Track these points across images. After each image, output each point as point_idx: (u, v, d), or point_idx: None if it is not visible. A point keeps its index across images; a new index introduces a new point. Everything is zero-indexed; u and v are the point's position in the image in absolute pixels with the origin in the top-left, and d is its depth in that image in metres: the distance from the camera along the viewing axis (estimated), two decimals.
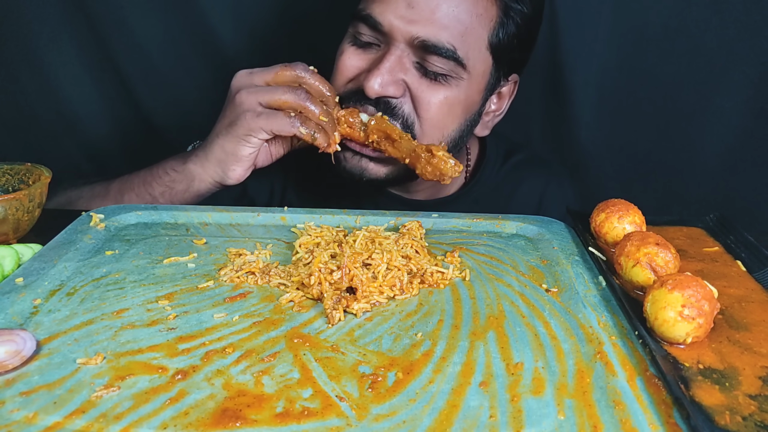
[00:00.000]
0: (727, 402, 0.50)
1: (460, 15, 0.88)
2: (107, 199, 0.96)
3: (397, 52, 0.89)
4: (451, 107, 0.93)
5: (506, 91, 1.05)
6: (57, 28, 1.29)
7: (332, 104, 0.88)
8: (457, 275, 0.73)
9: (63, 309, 0.62)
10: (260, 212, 0.88)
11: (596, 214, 0.79)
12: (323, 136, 0.85)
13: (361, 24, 0.91)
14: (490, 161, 1.15)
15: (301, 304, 0.66)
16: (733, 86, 1.26)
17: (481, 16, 0.90)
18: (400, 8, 0.87)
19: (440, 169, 0.87)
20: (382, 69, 0.88)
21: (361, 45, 0.94)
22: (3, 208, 0.74)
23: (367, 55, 0.93)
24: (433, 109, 0.92)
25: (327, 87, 0.87)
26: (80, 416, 0.47)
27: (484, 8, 0.90)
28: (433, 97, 0.91)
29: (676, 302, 0.56)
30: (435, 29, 0.87)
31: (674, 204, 1.40)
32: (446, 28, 0.87)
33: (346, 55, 0.95)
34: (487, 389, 0.52)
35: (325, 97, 0.87)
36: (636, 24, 1.25)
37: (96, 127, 1.40)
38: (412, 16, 0.87)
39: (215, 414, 0.48)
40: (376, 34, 0.91)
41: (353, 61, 0.94)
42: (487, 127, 1.07)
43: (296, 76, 0.86)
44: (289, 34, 1.34)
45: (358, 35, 0.93)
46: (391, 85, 0.89)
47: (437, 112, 0.93)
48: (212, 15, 1.31)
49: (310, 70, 0.87)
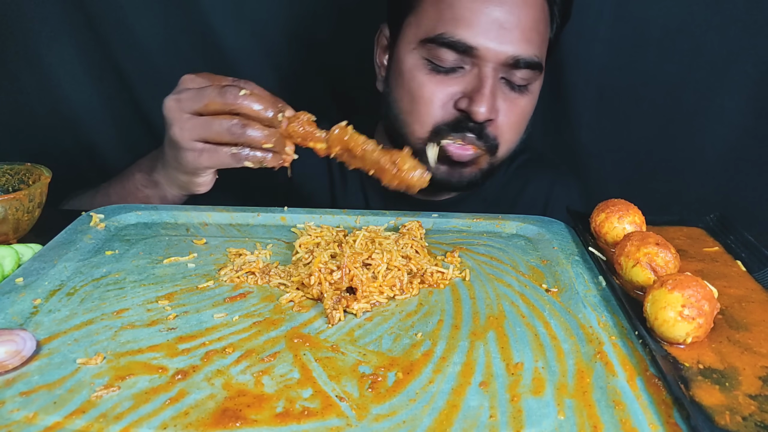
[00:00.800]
0: (727, 402, 0.50)
1: (537, 25, 0.92)
2: None
3: (491, 72, 0.91)
4: (527, 114, 0.99)
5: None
6: (57, 28, 1.29)
7: (276, 121, 0.77)
8: (457, 275, 0.73)
9: (63, 309, 0.62)
10: (260, 212, 0.88)
11: (596, 214, 0.79)
12: (274, 157, 0.78)
13: (444, 49, 0.91)
14: None
15: (301, 304, 0.66)
16: (734, 86, 1.26)
17: (547, 21, 0.95)
18: (491, 30, 0.88)
19: (406, 181, 0.79)
20: (486, 94, 0.90)
21: (444, 71, 0.93)
22: (3, 208, 0.74)
23: (453, 80, 0.93)
24: (514, 124, 0.97)
25: (266, 104, 0.76)
26: (80, 416, 0.47)
27: (546, 12, 0.94)
28: (513, 112, 0.96)
29: (676, 302, 0.56)
30: (524, 46, 0.90)
31: (674, 204, 1.40)
32: (530, 41, 0.91)
33: (430, 85, 0.94)
34: (487, 389, 0.52)
35: (266, 118, 0.76)
36: (636, 24, 1.25)
37: (96, 127, 1.40)
38: (503, 36, 0.89)
39: (215, 414, 0.48)
40: (462, 57, 0.91)
41: (442, 89, 0.94)
42: None
43: (226, 104, 0.75)
44: (290, 34, 1.34)
45: (438, 61, 0.92)
46: (494, 110, 0.93)
47: (516, 124, 0.98)
48: (213, 14, 1.30)
49: (242, 94, 0.75)
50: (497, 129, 0.96)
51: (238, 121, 0.75)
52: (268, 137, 0.76)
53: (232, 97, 0.75)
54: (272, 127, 0.77)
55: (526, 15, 0.90)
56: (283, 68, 1.38)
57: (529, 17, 0.90)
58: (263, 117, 0.76)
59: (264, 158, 0.77)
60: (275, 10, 1.32)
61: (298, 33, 1.34)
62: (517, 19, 0.89)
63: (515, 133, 0.99)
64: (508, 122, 0.96)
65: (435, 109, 0.94)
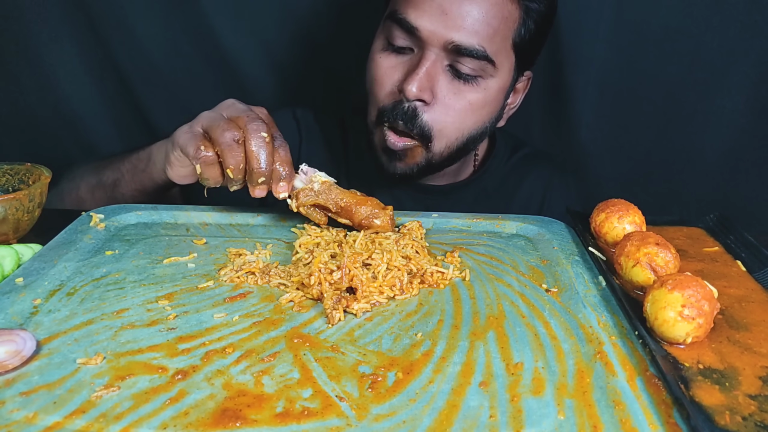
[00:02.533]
0: (727, 402, 0.50)
1: (489, 19, 0.91)
2: (97, 172, 1.01)
3: (432, 56, 0.91)
4: (475, 110, 0.97)
5: (521, 87, 1.08)
6: (57, 28, 1.29)
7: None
8: (457, 275, 0.73)
9: (63, 309, 0.62)
10: (260, 212, 0.88)
11: (596, 214, 0.79)
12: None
13: (396, 28, 0.93)
14: (499, 152, 1.18)
15: (301, 304, 0.66)
16: (734, 86, 1.26)
17: (507, 18, 0.93)
18: (434, 14, 0.89)
19: (377, 227, 0.80)
20: (420, 73, 0.90)
21: (394, 50, 0.95)
22: (3, 208, 0.74)
23: (401, 60, 0.95)
24: (456, 115, 0.95)
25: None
26: (80, 416, 0.47)
27: (508, 11, 0.93)
28: (457, 103, 0.94)
29: (676, 302, 0.56)
30: (467, 34, 0.90)
31: (674, 204, 1.40)
32: (477, 32, 0.90)
33: (381, 60, 0.96)
34: (487, 389, 0.52)
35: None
36: (636, 24, 1.25)
37: (96, 127, 1.40)
38: (446, 21, 0.89)
39: (215, 414, 0.48)
40: (411, 38, 0.93)
41: (390, 65, 0.96)
42: (503, 119, 1.10)
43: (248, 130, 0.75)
44: (290, 34, 1.34)
45: (392, 39, 0.94)
46: (426, 91, 0.92)
47: (459, 117, 0.96)
48: (213, 15, 1.31)
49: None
50: (433, 116, 0.94)
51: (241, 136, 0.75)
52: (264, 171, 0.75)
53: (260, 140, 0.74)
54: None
55: (475, 7, 0.90)
56: (284, 68, 1.38)
57: (477, 10, 0.90)
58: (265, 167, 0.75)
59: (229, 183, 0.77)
60: (275, 11, 1.32)
61: (298, 33, 1.34)
62: (463, 9, 0.89)
63: (455, 128, 0.96)
64: (447, 110, 0.94)
65: (382, 91, 0.96)
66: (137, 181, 0.96)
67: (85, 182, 1.03)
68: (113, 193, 0.99)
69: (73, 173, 1.05)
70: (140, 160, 0.95)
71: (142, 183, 0.95)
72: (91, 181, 1.02)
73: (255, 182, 0.76)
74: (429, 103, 0.93)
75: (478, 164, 1.19)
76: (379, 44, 0.98)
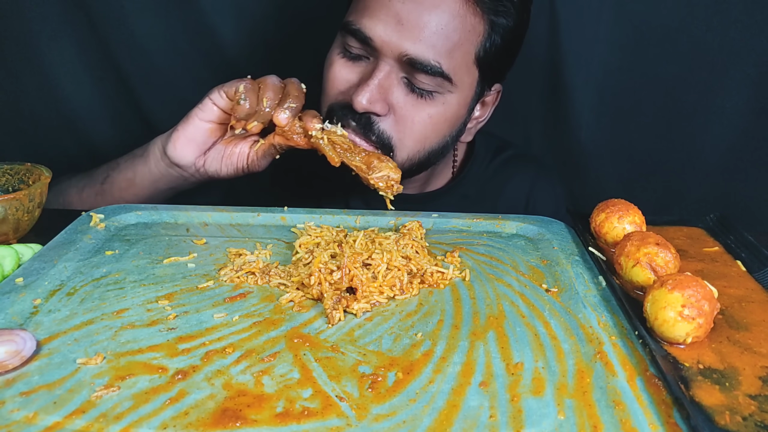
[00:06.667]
0: (727, 402, 0.50)
1: (448, 32, 0.87)
2: (87, 175, 1.03)
3: (386, 67, 0.89)
4: (436, 124, 0.94)
5: (490, 100, 1.06)
6: (57, 28, 1.29)
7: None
8: (457, 275, 0.73)
9: (63, 309, 0.62)
10: (260, 212, 0.88)
11: (596, 214, 0.79)
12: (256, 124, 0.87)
13: (350, 37, 0.91)
14: (479, 157, 1.15)
15: (301, 304, 0.66)
16: (734, 86, 1.26)
17: (469, 32, 0.90)
18: (389, 24, 0.87)
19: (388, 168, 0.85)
20: (371, 85, 0.88)
21: (351, 57, 0.93)
22: (3, 208, 0.74)
23: (356, 68, 0.93)
24: (415, 127, 0.93)
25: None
26: (80, 416, 0.47)
27: (471, 25, 0.89)
28: (416, 116, 0.92)
29: (676, 302, 0.56)
30: (423, 47, 0.87)
31: (674, 204, 1.40)
32: (434, 46, 0.87)
33: (336, 66, 0.95)
34: (487, 389, 0.52)
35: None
36: (636, 24, 1.25)
37: (96, 127, 1.40)
38: (402, 32, 0.86)
39: (215, 414, 0.48)
40: (366, 48, 0.91)
41: (343, 74, 0.94)
42: (470, 134, 1.08)
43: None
44: (290, 33, 1.34)
45: (348, 47, 0.93)
46: (378, 103, 0.89)
47: (419, 130, 0.93)
48: (212, 14, 1.30)
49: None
50: (392, 126, 0.92)
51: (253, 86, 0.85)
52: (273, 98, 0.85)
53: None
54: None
55: (434, 19, 0.86)
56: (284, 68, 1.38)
57: (436, 22, 0.86)
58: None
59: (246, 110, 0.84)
60: (275, 11, 1.32)
61: (298, 32, 1.34)
62: (421, 20, 0.86)
63: (416, 141, 0.94)
64: (405, 122, 0.92)
65: (333, 89, 0.95)
66: (129, 168, 0.97)
67: (74, 186, 1.03)
68: (102, 185, 1.00)
69: (61, 183, 1.05)
70: (138, 148, 0.98)
71: (134, 168, 0.96)
72: (79, 183, 1.03)
73: (285, 102, 0.86)
74: (384, 115, 0.91)
75: (457, 170, 1.16)
76: (337, 49, 0.95)
